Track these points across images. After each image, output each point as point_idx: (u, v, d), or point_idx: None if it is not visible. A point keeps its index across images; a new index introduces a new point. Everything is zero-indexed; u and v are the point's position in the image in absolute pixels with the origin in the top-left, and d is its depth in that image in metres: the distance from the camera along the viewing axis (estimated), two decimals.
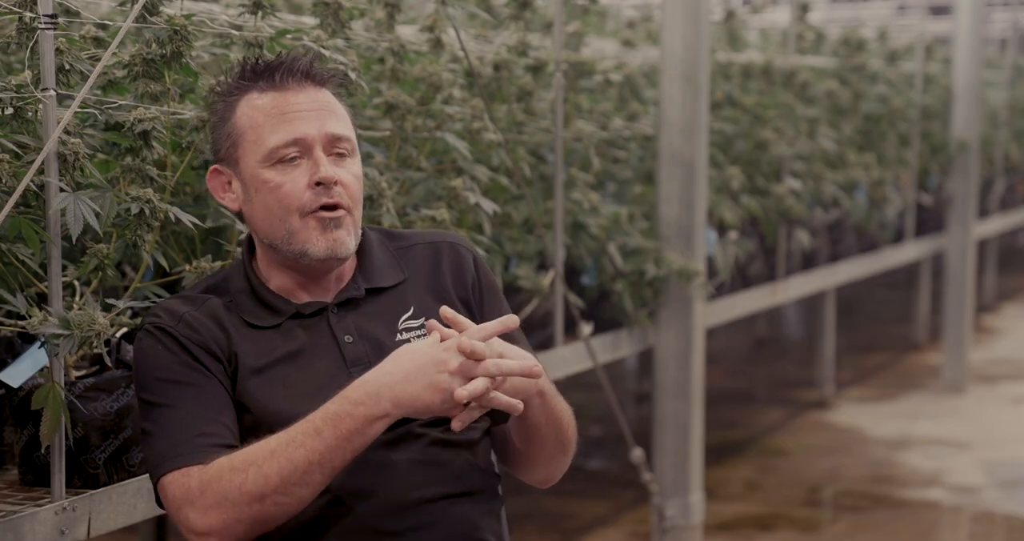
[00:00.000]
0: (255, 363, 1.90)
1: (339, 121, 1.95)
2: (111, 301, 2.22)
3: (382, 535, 1.86)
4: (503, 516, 2.02)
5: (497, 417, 2.15)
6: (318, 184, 1.90)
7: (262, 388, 1.89)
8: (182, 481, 1.81)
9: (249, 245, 2.03)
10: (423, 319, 1.98)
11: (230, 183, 1.97)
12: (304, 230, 1.91)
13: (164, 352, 1.89)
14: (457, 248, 2.08)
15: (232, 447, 1.84)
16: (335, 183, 1.90)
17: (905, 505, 4.41)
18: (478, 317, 2.03)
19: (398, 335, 1.97)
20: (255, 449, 1.79)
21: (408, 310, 2.00)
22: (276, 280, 1.98)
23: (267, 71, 1.95)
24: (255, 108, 1.93)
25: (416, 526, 1.87)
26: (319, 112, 1.93)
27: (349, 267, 2.01)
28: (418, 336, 1.97)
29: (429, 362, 1.76)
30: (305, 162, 1.91)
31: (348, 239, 1.94)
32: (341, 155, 1.94)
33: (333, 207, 1.91)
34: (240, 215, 2.02)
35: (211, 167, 1.98)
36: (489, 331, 1.78)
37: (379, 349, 1.92)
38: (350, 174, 1.93)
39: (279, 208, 1.91)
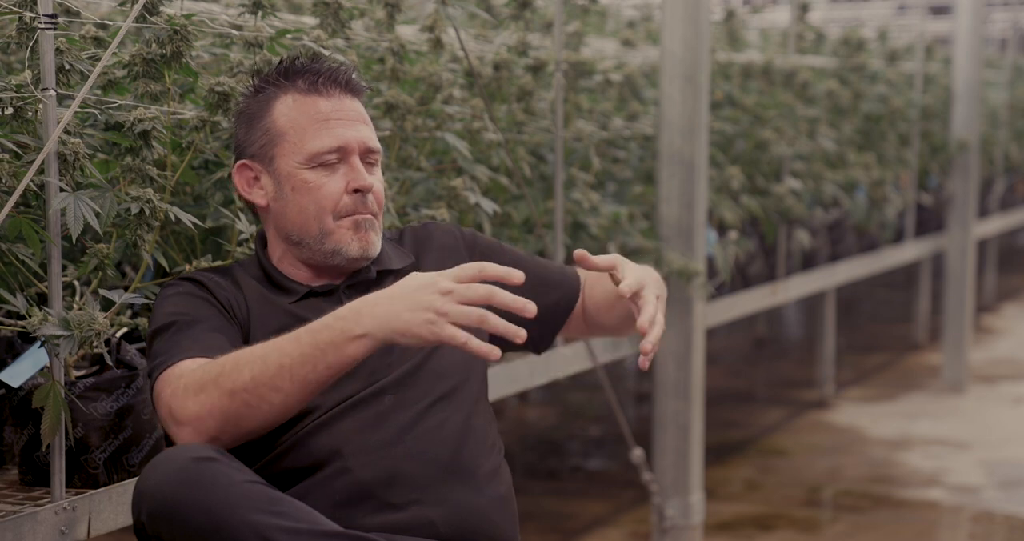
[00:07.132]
0: (269, 327, 1.96)
1: (372, 133, 2.05)
2: (110, 295, 2.22)
3: (385, 507, 1.88)
4: (513, 506, 2.03)
5: (509, 344, 2.13)
6: (355, 191, 2.00)
7: None
8: (175, 373, 1.85)
9: (261, 241, 2.08)
10: None
11: (257, 179, 2.04)
12: (338, 232, 2.00)
13: (188, 294, 1.98)
14: (440, 226, 2.20)
15: None
16: (370, 191, 2.01)
17: (905, 505, 4.41)
18: None
19: None
20: (242, 350, 1.82)
21: None
22: (291, 272, 2.06)
23: (308, 75, 2.01)
24: (297, 110, 2.00)
25: (418, 501, 1.89)
26: (357, 122, 2.02)
27: None
28: None
29: (420, 284, 1.71)
30: (343, 167, 2.00)
31: (377, 241, 2.04)
32: (371, 165, 2.04)
33: (364, 214, 2.02)
34: (262, 210, 2.08)
35: (238, 162, 2.04)
36: (489, 271, 1.71)
37: None
38: (379, 183, 2.04)
39: (316, 208, 1.99)
